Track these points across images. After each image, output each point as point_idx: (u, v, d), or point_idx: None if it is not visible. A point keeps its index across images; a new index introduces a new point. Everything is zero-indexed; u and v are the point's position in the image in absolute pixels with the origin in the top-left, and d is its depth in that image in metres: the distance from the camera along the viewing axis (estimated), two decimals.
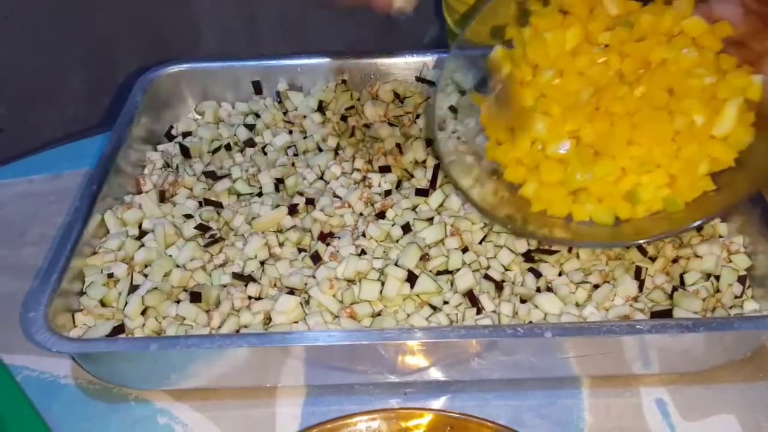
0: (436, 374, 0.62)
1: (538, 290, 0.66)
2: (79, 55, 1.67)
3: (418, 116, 0.85)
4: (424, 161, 0.79)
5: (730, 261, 0.67)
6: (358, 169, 0.78)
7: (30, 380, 0.66)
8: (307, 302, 0.65)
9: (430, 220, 0.71)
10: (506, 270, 0.68)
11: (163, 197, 0.77)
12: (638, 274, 0.66)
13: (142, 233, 0.73)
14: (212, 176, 0.79)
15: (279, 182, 0.78)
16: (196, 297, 0.65)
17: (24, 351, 0.67)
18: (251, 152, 0.83)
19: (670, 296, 0.65)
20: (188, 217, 0.74)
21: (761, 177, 0.56)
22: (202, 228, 0.72)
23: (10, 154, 0.93)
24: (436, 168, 0.76)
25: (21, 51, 1.60)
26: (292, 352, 0.59)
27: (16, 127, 1.65)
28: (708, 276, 0.66)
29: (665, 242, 0.69)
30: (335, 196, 0.75)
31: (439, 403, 0.63)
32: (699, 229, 0.69)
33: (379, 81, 0.89)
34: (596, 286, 0.66)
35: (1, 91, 1.61)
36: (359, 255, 0.68)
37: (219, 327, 0.63)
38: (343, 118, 0.86)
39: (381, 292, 0.64)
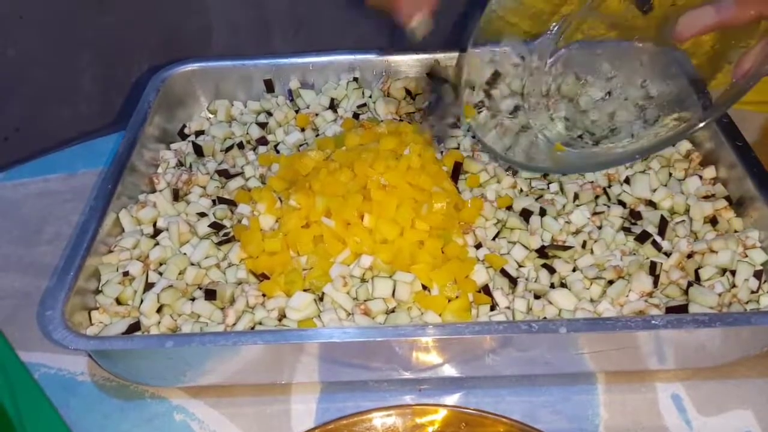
0: (450, 371, 0.62)
1: (552, 286, 0.66)
2: (92, 55, 1.68)
3: None
4: None
5: (746, 256, 0.66)
6: None
7: (47, 377, 0.66)
8: (321, 299, 0.65)
9: None
10: (520, 266, 0.68)
11: (176, 196, 0.77)
12: (653, 269, 0.65)
13: (157, 231, 0.73)
14: (225, 174, 0.79)
15: None
16: (210, 294, 0.66)
17: (41, 348, 0.68)
18: (263, 150, 0.83)
19: (686, 292, 0.64)
20: (202, 215, 0.75)
21: None
22: (216, 226, 0.73)
23: (26, 153, 0.94)
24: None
25: (34, 50, 1.61)
26: (306, 348, 0.59)
27: (30, 127, 1.66)
28: (724, 271, 0.65)
29: (679, 237, 0.68)
30: None
31: (453, 399, 0.63)
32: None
33: (390, 78, 0.89)
34: (611, 282, 0.65)
35: (15, 90, 1.63)
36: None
37: (234, 324, 0.64)
38: (355, 116, 0.86)
39: (394, 291, 0.65)
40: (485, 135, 0.74)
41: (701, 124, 0.60)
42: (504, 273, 0.66)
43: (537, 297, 0.65)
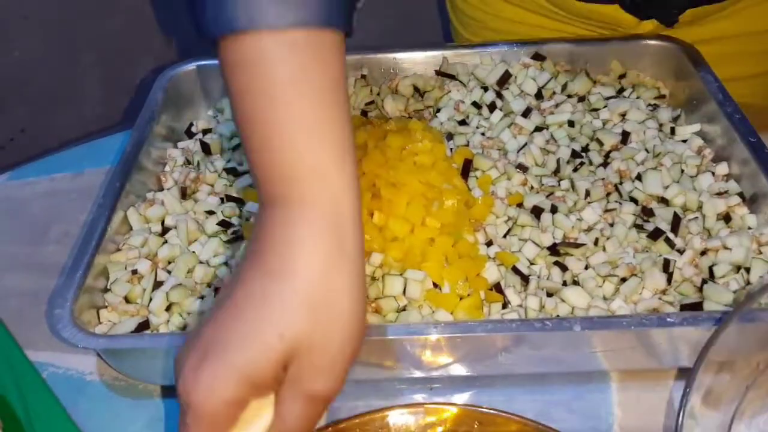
0: (461, 369, 0.61)
1: (564, 284, 0.65)
2: (96, 56, 1.68)
3: (438, 110, 0.85)
4: None
5: (761, 253, 0.66)
6: None
7: (56, 377, 0.66)
8: None
9: None
10: (531, 264, 0.67)
11: (184, 194, 0.77)
12: (666, 266, 0.65)
13: (165, 230, 0.73)
14: (233, 172, 0.79)
15: None
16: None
17: (49, 348, 0.67)
18: None
19: (700, 289, 0.64)
20: (210, 213, 0.74)
21: None
22: (225, 224, 0.72)
23: (32, 152, 0.94)
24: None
25: (40, 51, 1.61)
26: None
27: (36, 127, 1.67)
28: (738, 268, 0.65)
29: (693, 234, 0.68)
30: None
31: (465, 398, 0.62)
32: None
33: (398, 75, 0.89)
34: (623, 280, 0.65)
35: (21, 91, 1.63)
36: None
37: None
38: (364, 113, 0.86)
39: (404, 289, 0.64)
40: None
41: None
42: (515, 271, 0.66)
43: (549, 295, 0.64)
